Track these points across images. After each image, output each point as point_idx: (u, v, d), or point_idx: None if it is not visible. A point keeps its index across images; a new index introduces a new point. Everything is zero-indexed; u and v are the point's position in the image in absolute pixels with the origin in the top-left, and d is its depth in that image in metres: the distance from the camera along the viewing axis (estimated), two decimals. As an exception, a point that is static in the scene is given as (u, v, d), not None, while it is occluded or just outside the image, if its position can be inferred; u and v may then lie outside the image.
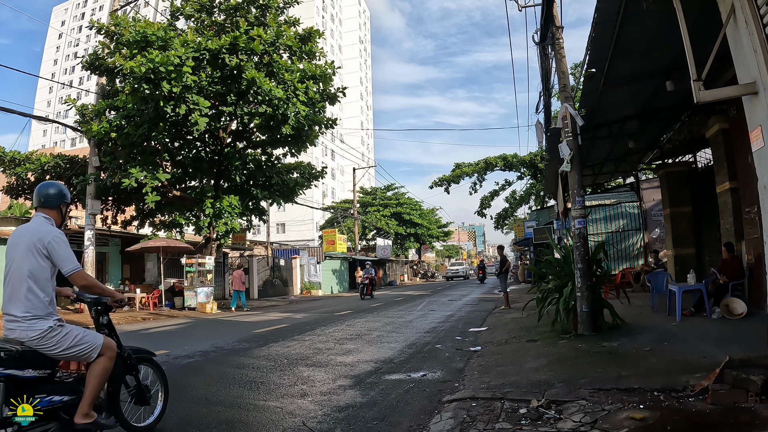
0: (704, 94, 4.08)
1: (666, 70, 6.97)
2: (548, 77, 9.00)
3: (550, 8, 7.42)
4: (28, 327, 2.80)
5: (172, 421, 3.99)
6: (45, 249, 2.88)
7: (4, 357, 2.71)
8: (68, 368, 3.06)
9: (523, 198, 28.96)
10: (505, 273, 13.28)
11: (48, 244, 2.89)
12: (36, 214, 3.08)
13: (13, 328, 2.82)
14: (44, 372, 2.86)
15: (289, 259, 28.68)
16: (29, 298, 2.84)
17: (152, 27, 13.86)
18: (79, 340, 2.96)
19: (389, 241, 48.43)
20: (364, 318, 11.72)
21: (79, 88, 53.24)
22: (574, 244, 7.12)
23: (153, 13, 39.83)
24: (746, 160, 6.41)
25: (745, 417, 3.16)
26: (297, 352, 7.10)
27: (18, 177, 16.86)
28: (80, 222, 20.92)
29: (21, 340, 2.80)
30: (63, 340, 2.89)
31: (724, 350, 4.46)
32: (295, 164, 19.03)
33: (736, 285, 7.33)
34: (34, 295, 2.85)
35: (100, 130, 14.12)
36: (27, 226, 3.01)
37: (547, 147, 10.75)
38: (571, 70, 18.76)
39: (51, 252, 2.89)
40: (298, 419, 3.92)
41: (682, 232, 11.67)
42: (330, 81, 16.11)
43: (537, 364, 5.35)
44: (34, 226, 2.99)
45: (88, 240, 14.70)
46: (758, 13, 3.65)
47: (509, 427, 3.41)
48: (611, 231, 17.53)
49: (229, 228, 16.32)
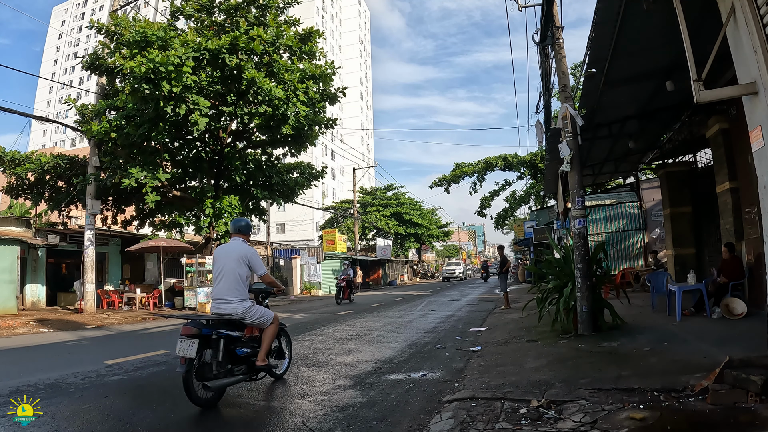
0: (704, 94, 4.08)
1: (666, 70, 6.97)
2: (548, 77, 9.00)
3: (550, 8, 7.42)
4: (237, 306, 4.54)
5: (172, 420, 3.99)
6: (247, 260, 4.68)
7: (225, 323, 4.44)
8: (249, 332, 4.73)
9: (523, 198, 28.95)
10: (505, 273, 13.29)
11: (249, 258, 4.69)
12: (234, 237, 4.90)
13: (225, 307, 4.54)
14: (239, 333, 4.58)
15: (289, 259, 28.68)
16: (238, 289, 4.58)
17: (152, 27, 13.84)
18: (263, 313, 4.74)
19: (389, 241, 48.42)
20: (364, 318, 11.71)
21: (79, 88, 53.24)
22: (574, 244, 7.12)
23: (153, 13, 39.83)
24: (746, 160, 6.41)
25: (745, 417, 3.16)
26: (297, 352, 7.09)
27: (18, 177, 16.84)
28: (80, 222, 20.93)
29: (231, 315, 4.51)
30: (255, 313, 4.65)
31: (724, 350, 4.46)
32: (295, 164, 19.01)
33: (736, 285, 7.33)
34: (241, 288, 4.60)
35: (100, 130, 14.11)
36: (232, 246, 4.77)
37: (547, 147, 10.75)
38: (571, 70, 18.76)
39: (250, 262, 4.70)
40: (298, 419, 3.92)
41: (682, 232, 11.67)
42: (330, 81, 16.09)
43: (537, 364, 5.35)
44: (237, 245, 4.76)
45: (88, 240, 14.70)
46: (758, 13, 3.65)
47: (509, 427, 3.41)
48: (611, 231, 17.53)
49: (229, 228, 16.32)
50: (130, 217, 18.91)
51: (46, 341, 9.20)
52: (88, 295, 14.44)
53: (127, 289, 17.06)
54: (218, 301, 4.59)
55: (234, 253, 4.68)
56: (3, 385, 5.10)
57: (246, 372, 4.61)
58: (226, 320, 4.48)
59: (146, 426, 3.82)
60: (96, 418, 4.03)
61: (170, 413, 4.18)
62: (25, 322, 11.69)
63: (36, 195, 17.42)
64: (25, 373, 5.88)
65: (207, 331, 4.26)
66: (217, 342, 4.33)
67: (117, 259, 19.42)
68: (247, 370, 4.61)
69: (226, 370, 4.36)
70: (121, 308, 15.96)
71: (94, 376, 5.59)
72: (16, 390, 4.85)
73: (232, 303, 4.53)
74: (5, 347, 8.33)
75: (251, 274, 4.76)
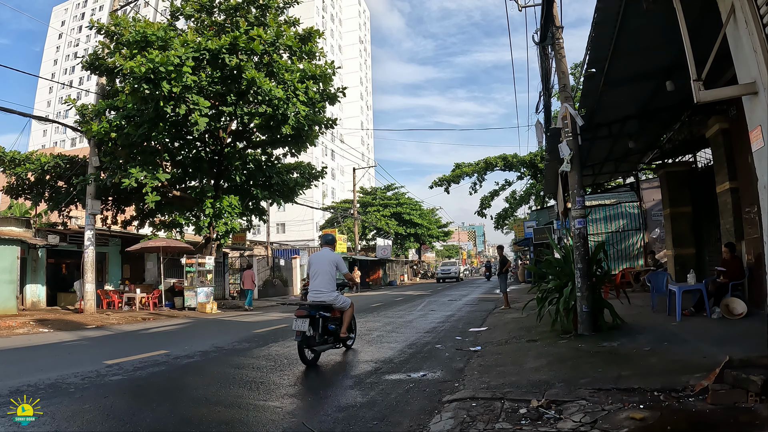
0: (704, 94, 4.08)
1: (666, 70, 6.97)
2: (548, 77, 9.00)
3: (550, 8, 7.42)
4: (329, 295, 6.35)
5: (172, 420, 3.99)
6: (335, 263, 6.52)
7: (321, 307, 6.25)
8: (334, 314, 6.51)
9: (523, 198, 28.95)
10: (505, 273, 13.29)
11: (336, 262, 6.55)
12: (325, 247, 6.94)
13: (320, 296, 6.33)
14: (329, 314, 6.37)
15: (289, 259, 28.68)
16: (330, 282, 6.42)
17: (152, 27, 13.85)
18: (344, 300, 6.61)
19: (389, 241, 48.42)
20: (364, 318, 11.71)
21: (79, 88, 53.24)
22: (574, 244, 7.12)
23: (153, 13, 39.85)
24: (746, 160, 6.41)
25: (745, 417, 3.16)
26: (297, 352, 7.08)
27: (18, 177, 16.85)
28: (80, 222, 20.92)
29: (324, 301, 6.32)
30: (340, 300, 6.50)
31: (724, 350, 4.46)
32: (295, 164, 19.02)
33: (736, 285, 7.33)
34: (332, 283, 6.44)
35: (100, 130, 14.11)
36: (324, 253, 6.67)
37: (547, 147, 10.75)
38: (571, 70, 18.76)
39: (338, 265, 6.54)
40: (298, 419, 3.92)
41: (682, 232, 11.67)
42: (330, 81, 16.09)
43: (537, 364, 5.35)
44: (328, 253, 6.67)
45: (88, 240, 14.70)
46: (758, 13, 3.64)
47: (509, 427, 3.41)
48: (611, 231, 17.52)
49: (229, 228, 16.32)
50: (130, 217, 18.92)
51: (46, 341, 9.20)
52: (88, 295, 14.44)
53: (127, 289, 17.06)
54: (315, 292, 6.39)
55: (327, 258, 6.58)
56: (3, 385, 5.10)
57: (333, 342, 6.50)
58: (322, 305, 6.30)
59: (146, 426, 3.81)
60: (96, 418, 4.02)
61: (170, 413, 4.18)
62: (25, 322, 11.69)
63: (36, 195, 17.43)
64: (25, 373, 5.88)
65: (313, 313, 6.10)
66: (318, 320, 6.17)
67: (117, 259, 19.42)
68: (333, 340, 6.49)
69: (323, 340, 6.26)
70: (121, 308, 15.96)
71: (94, 376, 5.58)
72: (16, 390, 4.85)
73: (325, 293, 6.36)
74: (5, 347, 8.33)
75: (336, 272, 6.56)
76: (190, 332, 10.68)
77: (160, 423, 3.90)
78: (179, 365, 6.33)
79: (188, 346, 7.92)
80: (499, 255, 14.09)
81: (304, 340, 5.92)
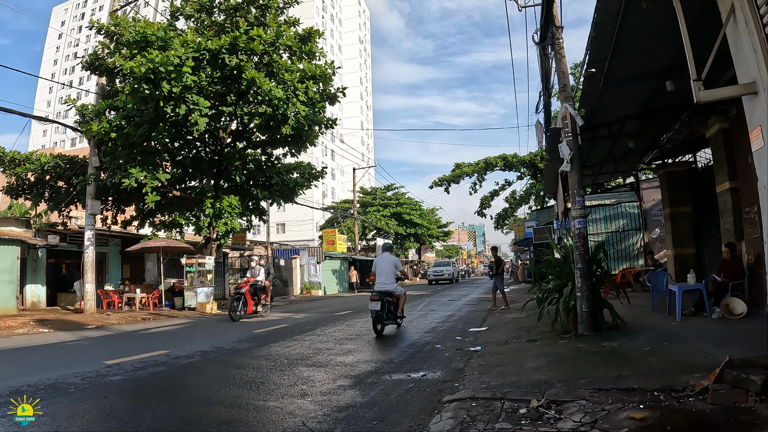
0: (704, 94, 4.08)
1: (666, 70, 6.97)
2: (548, 77, 9.00)
3: (550, 8, 7.42)
4: (392, 285, 8.92)
5: (172, 421, 3.99)
6: (395, 264, 9.13)
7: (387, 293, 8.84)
8: (393, 299, 9.02)
9: (523, 198, 28.93)
10: (501, 274, 13.27)
11: (395, 263, 9.15)
12: (385, 252, 9.45)
13: (386, 287, 8.86)
14: (390, 299, 8.91)
15: (289, 259, 28.67)
16: (391, 276, 8.97)
17: (152, 27, 13.84)
18: (401, 289, 9.19)
19: (389, 241, 48.40)
20: (364, 318, 11.70)
21: (79, 88, 53.21)
22: (574, 244, 7.12)
23: (153, 13, 39.85)
24: (746, 160, 6.41)
25: (745, 417, 3.16)
26: (297, 352, 7.10)
27: (18, 177, 16.84)
28: (80, 222, 20.93)
29: (389, 290, 8.88)
30: (399, 289, 9.12)
31: (724, 350, 4.46)
32: (295, 164, 19.01)
33: (736, 285, 7.33)
34: (393, 276, 8.99)
35: (100, 130, 14.11)
36: (386, 256, 9.24)
37: (547, 147, 10.75)
38: (571, 70, 18.76)
39: (396, 265, 9.12)
40: (298, 419, 3.92)
41: (682, 232, 11.67)
42: (330, 81, 16.08)
43: (537, 364, 5.35)
44: (389, 256, 9.23)
45: (88, 240, 14.70)
46: (758, 13, 3.65)
47: (509, 427, 3.41)
48: (611, 231, 17.53)
49: (229, 228, 16.32)
50: (130, 217, 18.91)
51: (46, 341, 9.20)
52: (88, 295, 14.44)
53: (127, 290, 17.05)
54: (381, 284, 8.85)
55: (389, 260, 9.13)
56: (3, 385, 5.10)
57: (393, 319, 9.00)
58: (387, 292, 8.81)
59: (146, 426, 3.81)
60: (96, 418, 4.03)
61: (170, 413, 4.18)
62: (25, 322, 11.69)
63: (36, 195, 17.42)
64: (25, 373, 5.88)
65: (382, 297, 8.57)
66: (385, 303, 8.62)
67: (117, 259, 19.41)
68: (393, 318, 8.99)
69: (387, 318, 8.73)
70: (121, 308, 15.96)
71: (94, 376, 5.58)
72: (16, 390, 4.85)
73: (389, 285, 8.85)
74: (5, 347, 8.33)
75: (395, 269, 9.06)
76: (190, 332, 10.68)
77: (160, 423, 3.90)
78: (179, 365, 6.33)
79: (188, 346, 7.92)
80: (493, 256, 14.04)
81: (378, 316, 8.43)
